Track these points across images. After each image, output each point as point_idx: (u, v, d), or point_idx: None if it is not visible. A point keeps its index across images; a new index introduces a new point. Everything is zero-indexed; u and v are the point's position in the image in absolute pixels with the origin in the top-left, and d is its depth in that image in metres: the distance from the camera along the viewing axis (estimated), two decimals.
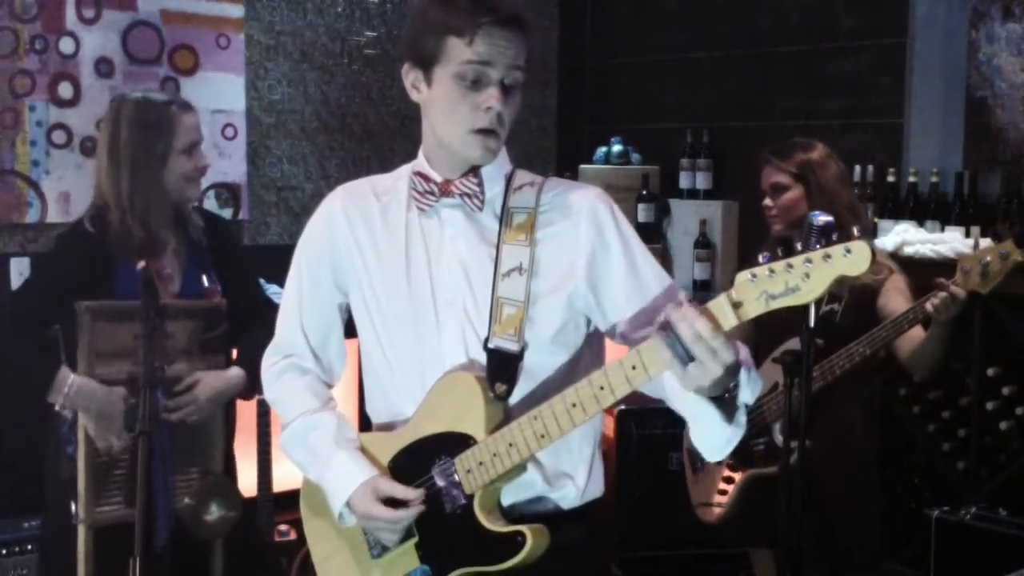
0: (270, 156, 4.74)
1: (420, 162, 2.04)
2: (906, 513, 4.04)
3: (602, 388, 1.81)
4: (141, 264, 2.39)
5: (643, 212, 5.03)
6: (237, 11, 4.57)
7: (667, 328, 1.69)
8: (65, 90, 4.18)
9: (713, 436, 1.85)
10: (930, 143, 4.36)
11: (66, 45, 4.17)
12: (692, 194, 5.06)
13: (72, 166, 4.14)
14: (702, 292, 4.87)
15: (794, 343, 2.61)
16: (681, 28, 5.22)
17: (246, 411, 3.29)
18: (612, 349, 2.03)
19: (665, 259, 5.07)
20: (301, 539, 2.61)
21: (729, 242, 4.91)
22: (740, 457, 3.11)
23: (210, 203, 4.43)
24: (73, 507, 2.74)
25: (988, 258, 2.71)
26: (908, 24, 4.39)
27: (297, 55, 4.78)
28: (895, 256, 3.73)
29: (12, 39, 4.06)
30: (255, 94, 4.67)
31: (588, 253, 1.95)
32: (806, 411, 2.49)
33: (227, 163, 4.57)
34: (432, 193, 1.99)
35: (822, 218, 2.42)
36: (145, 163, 2.79)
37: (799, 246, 2.37)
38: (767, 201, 3.10)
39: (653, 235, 5.04)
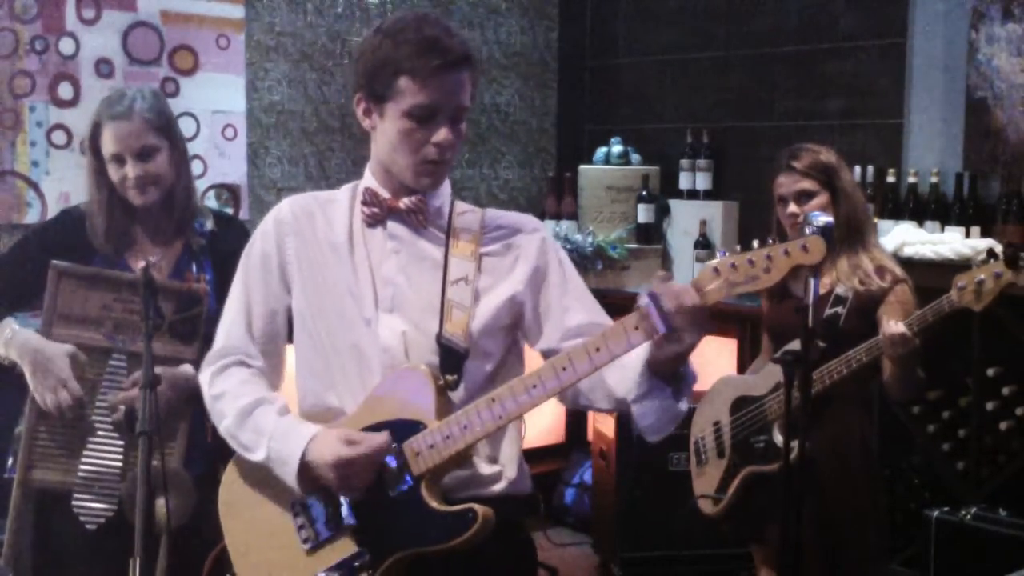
0: (270, 156, 4.74)
1: (368, 179, 2.12)
2: (906, 513, 4.04)
3: (564, 369, 1.89)
4: (141, 264, 2.38)
5: (643, 212, 5.03)
6: (237, 11, 4.57)
7: (652, 299, 1.81)
8: (65, 90, 4.18)
9: (659, 411, 1.93)
10: (930, 143, 4.36)
11: (66, 46, 4.17)
12: (692, 194, 5.06)
13: (72, 166, 4.14)
14: None
15: (795, 344, 2.62)
16: (681, 28, 5.22)
17: None
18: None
19: (665, 259, 5.08)
20: None
21: (729, 242, 4.90)
22: (741, 454, 3.12)
23: (210, 203, 4.42)
24: (10, 461, 2.69)
25: (982, 276, 2.74)
26: (908, 24, 4.39)
27: (297, 55, 4.78)
28: (894, 256, 3.73)
29: (12, 39, 4.06)
30: (255, 94, 4.67)
31: (532, 265, 2.08)
32: (806, 411, 2.49)
33: (227, 163, 4.57)
34: (379, 207, 2.08)
35: (822, 218, 2.43)
36: (95, 170, 2.83)
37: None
38: (792, 208, 3.01)
39: (653, 235, 5.04)
